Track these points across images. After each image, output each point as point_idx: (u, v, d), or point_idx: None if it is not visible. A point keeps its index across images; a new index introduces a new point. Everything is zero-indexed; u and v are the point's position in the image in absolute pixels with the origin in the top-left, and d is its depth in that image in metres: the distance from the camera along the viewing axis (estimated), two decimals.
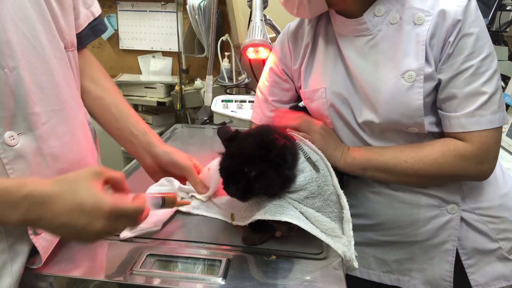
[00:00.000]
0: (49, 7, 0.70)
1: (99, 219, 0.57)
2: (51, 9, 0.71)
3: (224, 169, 0.71)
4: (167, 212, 0.81)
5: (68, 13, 0.77)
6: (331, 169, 0.79)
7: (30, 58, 0.64)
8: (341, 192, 0.77)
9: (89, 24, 0.87)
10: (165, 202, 0.73)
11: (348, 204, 0.77)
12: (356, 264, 0.71)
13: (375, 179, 0.92)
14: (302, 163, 0.75)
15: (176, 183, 0.91)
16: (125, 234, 0.74)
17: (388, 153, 0.88)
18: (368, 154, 0.89)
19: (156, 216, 0.78)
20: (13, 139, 0.62)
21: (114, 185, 0.65)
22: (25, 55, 0.63)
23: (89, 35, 0.89)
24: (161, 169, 0.92)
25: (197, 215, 0.83)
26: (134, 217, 0.62)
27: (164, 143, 0.94)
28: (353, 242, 0.73)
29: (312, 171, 0.74)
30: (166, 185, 0.90)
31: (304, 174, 0.73)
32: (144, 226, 0.74)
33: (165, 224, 0.79)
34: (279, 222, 0.69)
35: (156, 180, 0.92)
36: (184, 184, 0.91)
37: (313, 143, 0.84)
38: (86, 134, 0.82)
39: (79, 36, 0.86)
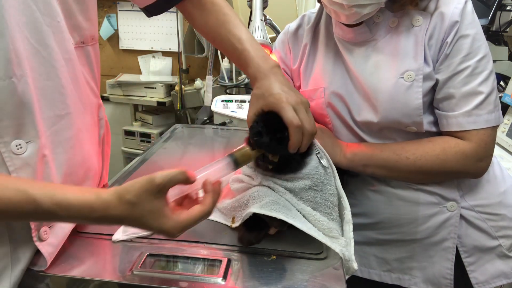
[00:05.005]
0: (63, 6, 0.67)
1: (171, 236, 0.59)
2: (66, 7, 0.68)
3: (259, 122, 0.70)
4: None
5: (88, 7, 0.74)
6: (335, 171, 0.80)
7: (34, 64, 0.62)
8: (343, 193, 0.77)
9: None
10: (238, 161, 0.68)
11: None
12: (355, 266, 0.70)
13: (375, 175, 0.92)
14: (311, 155, 0.76)
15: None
16: (117, 236, 0.72)
17: (389, 149, 0.88)
18: (369, 150, 0.90)
19: None
20: (21, 147, 0.61)
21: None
22: (29, 62, 0.61)
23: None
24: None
25: None
26: (205, 216, 0.61)
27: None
28: (353, 244, 0.72)
29: (319, 165, 0.75)
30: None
31: (311, 164, 0.74)
32: (137, 230, 0.72)
33: None
34: (272, 217, 0.69)
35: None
36: None
37: None
38: (92, 135, 0.80)
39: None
